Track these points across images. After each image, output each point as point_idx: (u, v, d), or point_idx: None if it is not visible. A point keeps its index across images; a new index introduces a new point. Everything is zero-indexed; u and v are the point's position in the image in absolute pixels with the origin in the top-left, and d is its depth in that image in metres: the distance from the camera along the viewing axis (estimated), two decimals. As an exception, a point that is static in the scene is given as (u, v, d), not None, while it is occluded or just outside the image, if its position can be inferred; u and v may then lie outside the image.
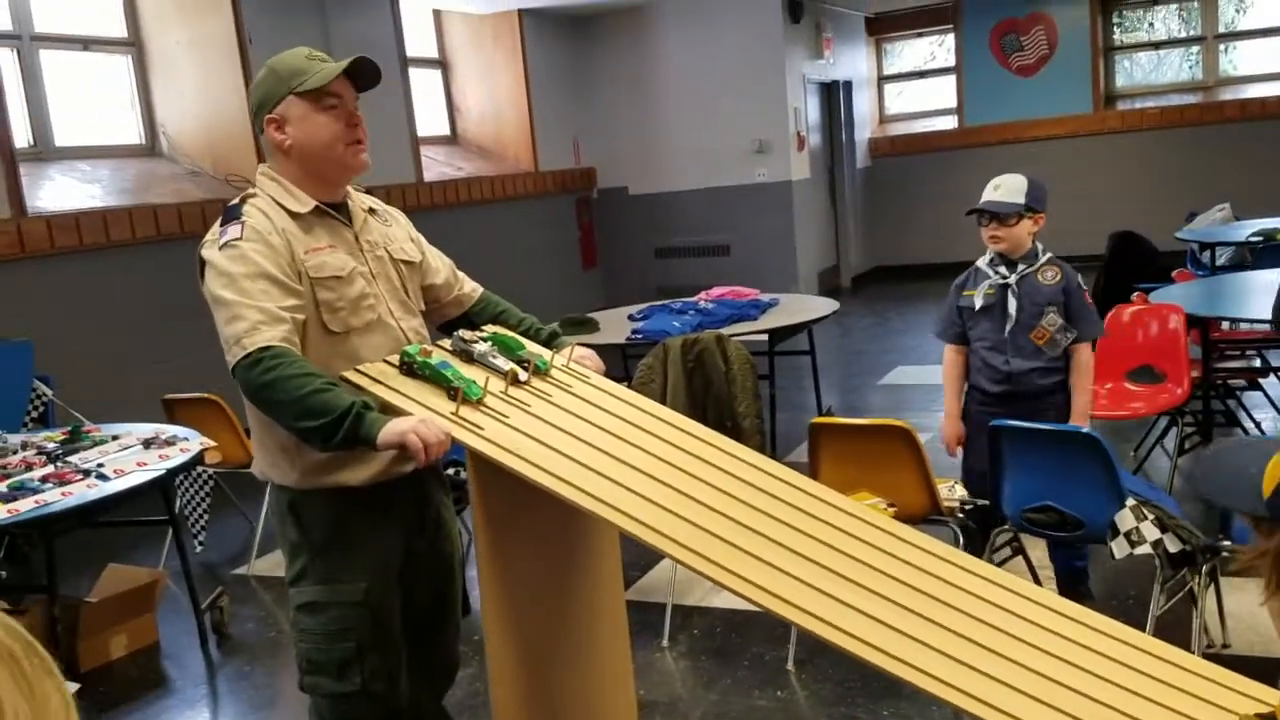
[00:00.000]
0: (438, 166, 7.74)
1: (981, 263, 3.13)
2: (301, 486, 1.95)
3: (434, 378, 1.84)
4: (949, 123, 10.22)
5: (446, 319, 2.20)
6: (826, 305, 5.25)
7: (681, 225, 9.14)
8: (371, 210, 2.08)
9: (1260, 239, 5.54)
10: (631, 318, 5.10)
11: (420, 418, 1.74)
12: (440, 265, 2.19)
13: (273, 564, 4.11)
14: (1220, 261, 6.06)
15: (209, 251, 1.87)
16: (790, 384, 5.76)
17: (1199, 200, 7.20)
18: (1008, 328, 3.02)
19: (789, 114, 8.75)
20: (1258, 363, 4.62)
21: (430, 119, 8.09)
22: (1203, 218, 6.61)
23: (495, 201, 7.96)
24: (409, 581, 2.07)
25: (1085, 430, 2.64)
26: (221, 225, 1.89)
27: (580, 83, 9.05)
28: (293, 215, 1.92)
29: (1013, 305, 3.01)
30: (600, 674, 2.17)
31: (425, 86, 8.08)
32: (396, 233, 2.10)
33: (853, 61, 10.14)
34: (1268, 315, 3.54)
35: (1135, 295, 4.26)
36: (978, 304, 3.08)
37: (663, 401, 3.69)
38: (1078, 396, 2.97)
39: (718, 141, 8.83)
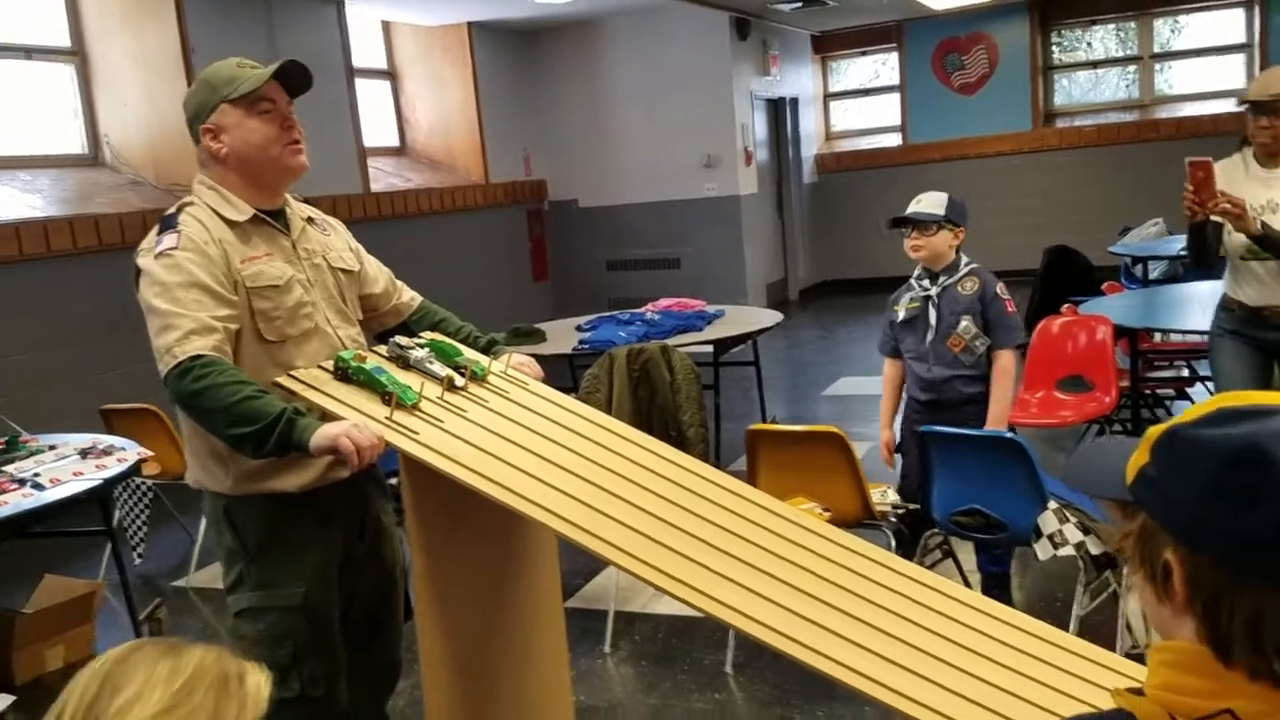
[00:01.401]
0: (386, 177, 7.73)
1: (912, 278, 3.25)
2: (235, 493, 1.96)
3: (368, 383, 1.86)
4: (893, 140, 10.41)
5: (385, 328, 2.22)
6: (770, 317, 5.33)
7: (632, 238, 9.21)
8: (310, 219, 2.10)
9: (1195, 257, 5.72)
10: (579, 328, 5.14)
11: (353, 422, 1.76)
12: (379, 274, 2.21)
13: (212, 576, 4.07)
14: (1153, 275, 6.26)
15: (144, 260, 1.88)
16: (736, 395, 5.84)
17: (1134, 216, 7.42)
18: (928, 338, 3.15)
19: (737, 129, 8.87)
20: (1185, 372, 4.77)
21: (379, 130, 8.08)
22: (1136, 233, 6.81)
23: (445, 213, 7.97)
24: (350, 587, 2.07)
25: (1010, 435, 2.73)
26: (158, 234, 1.90)
27: (531, 95, 9.10)
28: (230, 224, 1.93)
29: (933, 316, 3.14)
30: (537, 678, 2.19)
31: (373, 98, 8.07)
32: (335, 241, 2.12)
33: (799, 79, 10.30)
34: (1198, 326, 3.66)
35: (1065, 307, 4.39)
36: (900, 316, 3.22)
37: (608, 411, 3.74)
38: (994, 403, 3.08)
39: (667, 155, 8.92)
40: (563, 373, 4.81)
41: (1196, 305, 4.02)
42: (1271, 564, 0.75)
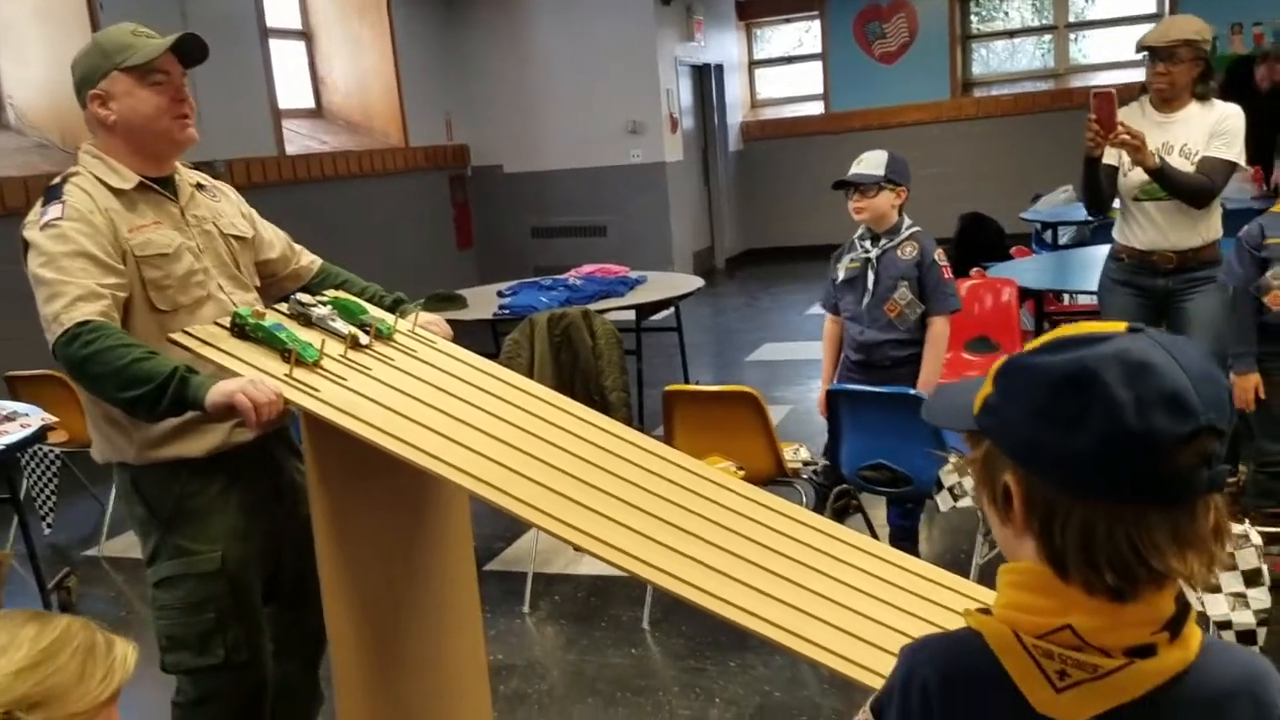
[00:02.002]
0: (301, 140, 7.57)
1: (855, 236, 3.28)
2: (140, 462, 1.94)
3: (267, 340, 1.84)
4: (816, 108, 10.50)
5: (285, 293, 2.20)
6: (692, 282, 5.37)
7: (558, 205, 9.16)
8: (199, 185, 2.07)
9: (1098, 218, 5.89)
10: (500, 294, 5.13)
11: (249, 378, 1.75)
12: (275, 239, 2.20)
13: (125, 545, 4.01)
14: (1062, 240, 6.44)
15: (30, 232, 1.85)
16: (661, 361, 5.88)
17: (1047, 183, 7.61)
18: (865, 300, 3.18)
19: (661, 95, 8.86)
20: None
21: (293, 92, 7.90)
22: (1046, 199, 6.99)
23: (363, 177, 7.83)
24: (275, 552, 2.07)
25: (912, 391, 2.81)
26: (43, 205, 1.88)
27: (452, 59, 8.96)
28: (116, 192, 1.91)
29: (871, 279, 3.16)
30: (449, 640, 2.19)
31: (288, 58, 7.87)
32: (226, 208, 2.10)
33: (723, 45, 10.31)
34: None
35: (974, 271, 4.51)
36: (840, 276, 3.25)
37: (530, 375, 3.74)
38: (925, 366, 3.12)
39: (592, 121, 8.88)
40: (485, 339, 4.80)
41: (1099, 268, 4.16)
42: (1098, 480, 0.79)
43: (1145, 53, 3.20)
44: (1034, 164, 9.19)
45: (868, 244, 3.20)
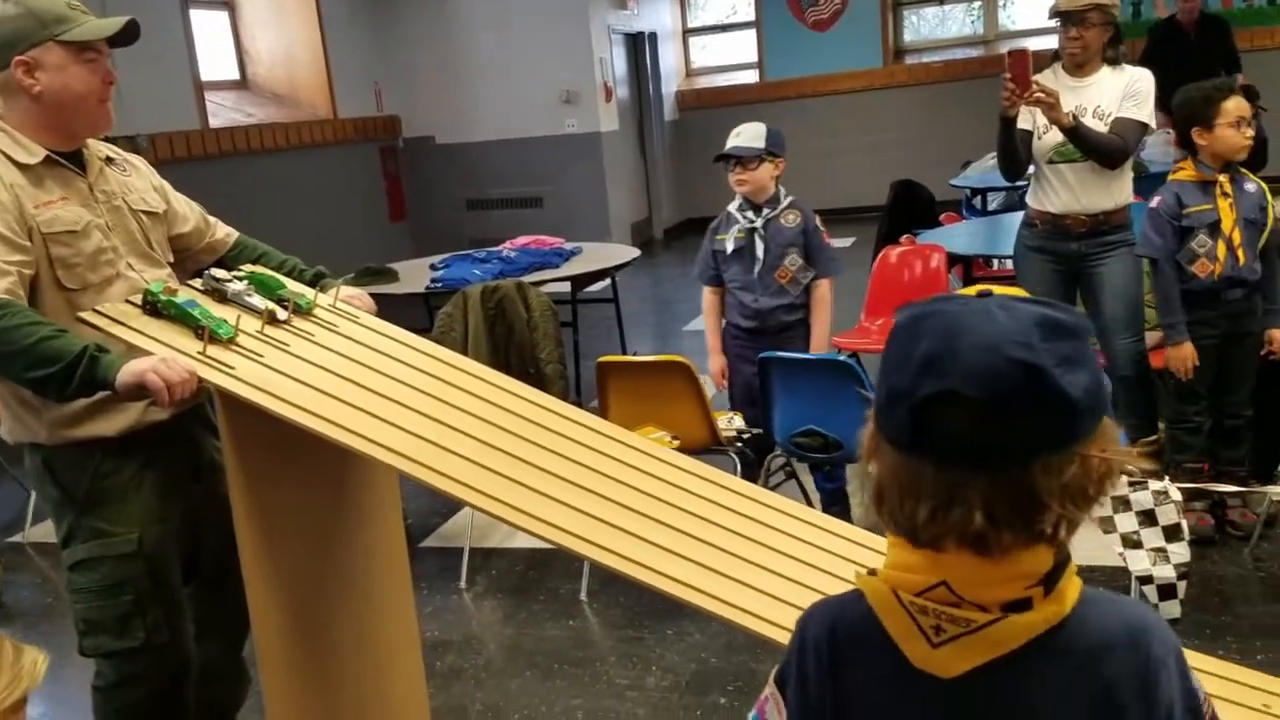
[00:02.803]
0: (226, 112, 7.37)
1: (732, 208, 3.33)
2: (52, 442, 1.89)
3: (180, 317, 1.79)
4: (751, 76, 10.49)
5: (201, 267, 2.14)
6: (628, 253, 5.36)
7: (493, 176, 9.05)
8: (109, 159, 2.01)
9: (1026, 184, 5.98)
10: (433, 267, 5.06)
11: (160, 356, 1.70)
12: (188, 212, 2.13)
13: (49, 530, 3.89)
14: (992, 206, 6.53)
15: None
16: (599, 332, 5.86)
17: (977, 150, 7.68)
18: (756, 269, 3.25)
19: (595, 64, 8.78)
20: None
21: (216, 63, 7.68)
22: (976, 165, 7.06)
23: (290, 150, 7.65)
24: (193, 532, 2.03)
25: (842, 358, 2.84)
26: None
27: (381, 28, 8.77)
28: (21, 167, 1.84)
29: (760, 248, 3.24)
30: (379, 618, 2.17)
31: (210, 28, 7.65)
32: (137, 182, 2.04)
33: (657, 13, 10.24)
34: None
35: (904, 238, 4.55)
36: (729, 247, 3.30)
37: (464, 350, 3.70)
38: (816, 328, 3.24)
39: (525, 91, 8.77)
40: (418, 313, 4.73)
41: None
42: (883, 427, 0.83)
43: (1058, 19, 3.25)
44: (965, 131, 9.26)
45: (750, 214, 3.26)
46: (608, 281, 5.48)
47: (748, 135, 3.22)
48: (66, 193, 1.87)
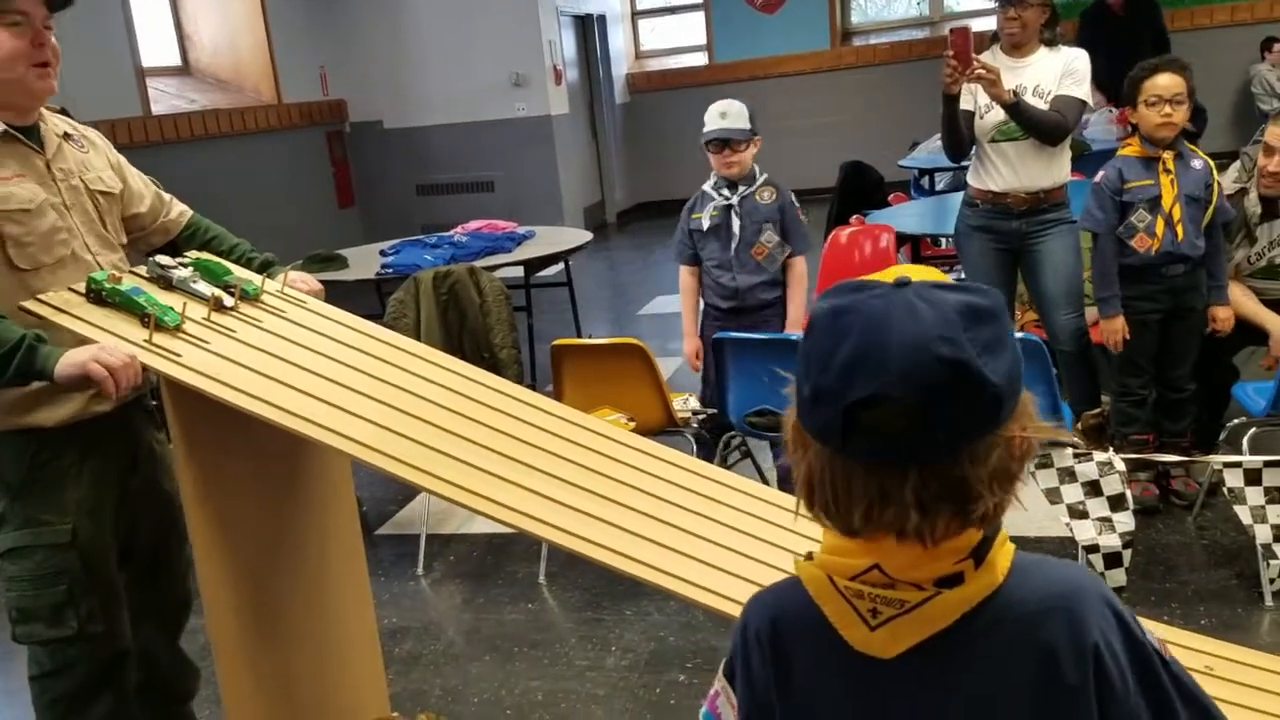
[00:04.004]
0: (168, 99, 7.21)
1: (707, 186, 3.31)
2: None
3: (125, 305, 1.76)
4: (700, 59, 10.49)
5: (152, 248, 2.10)
6: (580, 236, 5.33)
7: (443, 161, 8.96)
8: (66, 135, 1.95)
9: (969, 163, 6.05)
10: (383, 253, 5.01)
11: (100, 344, 1.67)
12: (144, 190, 2.09)
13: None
14: (939, 186, 6.60)
15: None
16: (554, 317, 5.84)
17: (923, 130, 7.76)
18: (733, 246, 3.22)
19: (544, 46, 8.71)
20: (963, 275, 5.08)
21: (157, 49, 7.51)
22: (924, 146, 7.13)
23: (234, 135, 7.51)
24: (129, 523, 2.00)
25: (795, 337, 2.86)
26: None
27: (325, 11, 8.63)
28: None
29: (736, 225, 3.22)
30: (334, 605, 2.16)
31: (150, 12, 7.47)
32: (95, 160, 1.98)
33: (606, -5, 10.19)
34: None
35: (854, 218, 4.58)
36: (705, 225, 3.27)
37: (416, 336, 3.67)
38: (792, 306, 3.23)
39: (474, 74, 8.68)
40: (369, 300, 4.68)
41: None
42: (808, 424, 0.82)
43: (997, 0, 3.30)
44: (912, 112, 9.32)
45: (725, 192, 3.25)
46: (561, 265, 5.46)
47: (734, 116, 3.17)
48: (22, 169, 1.82)
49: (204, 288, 1.87)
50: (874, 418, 0.77)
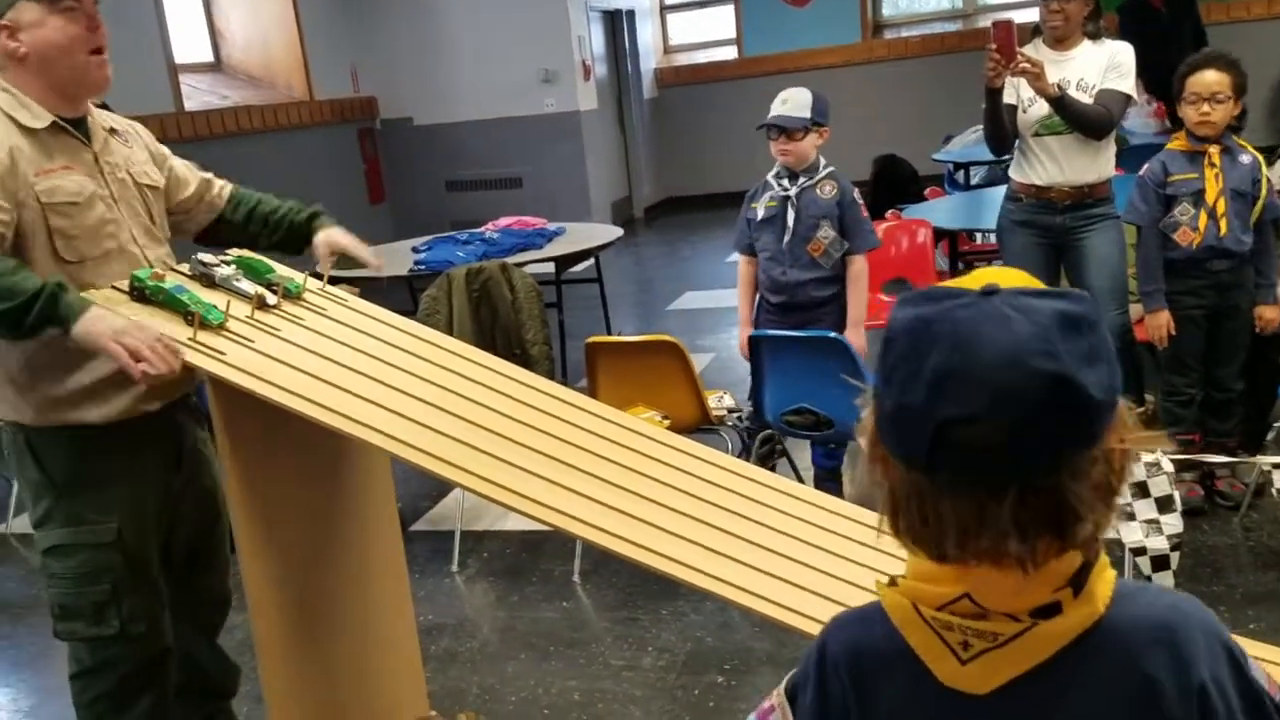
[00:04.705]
0: (201, 95, 7.26)
1: (769, 175, 3.24)
2: (38, 424, 1.85)
3: (168, 303, 1.75)
4: (730, 53, 10.43)
5: (201, 226, 2.12)
6: (611, 232, 5.32)
7: (472, 157, 8.97)
8: (112, 130, 1.97)
9: (1010, 158, 5.97)
10: (415, 249, 5.02)
11: (130, 321, 1.65)
12: (188, 175, 2.11)
13: (33, 523, 3.85)
14: (974, 181, 6.52)
15: None
16: (583, 313, 5.83)
17: (957, 124, 7.67)
18: (785, 239, 3.13)
19: (574, 42, 8.70)
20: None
21: (190, 45, 7.55)
22: (958, 140, 7.05)
23: (267, 132, 7.55)
24: (169, 521, 2.00)
25: (831, 334, 2.82)
26: None
27: (356, 8, 8.65)
28: (25, 131, 1.78)
29: (791, 217, 3.12)
30: (375, 602, 2.16)
31: (182, 9, 7.52)
32: (138, 154, 1.99)
33: (635, -10, 10.16)
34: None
35: (890, 213, 4.53)
36: (760, 215, 3.19)
37: (449, 333, 3.67)
38: (853, 306, 3.11)
39: (504, 70, 8.68)
40: (402, 297, 4.69)
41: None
42: (890, 442, 0.77)
43: None
44: (945, 105, 9.25)
45: (785, 182, 3.16)
46: (590, 262, 5.44)
47: (794, 104, 3.08)
48: (71, 161, 1.82)
49: (247, 286, 1.87)
50: (965, 437, 0.72)
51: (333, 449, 2.00)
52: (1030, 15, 9.83)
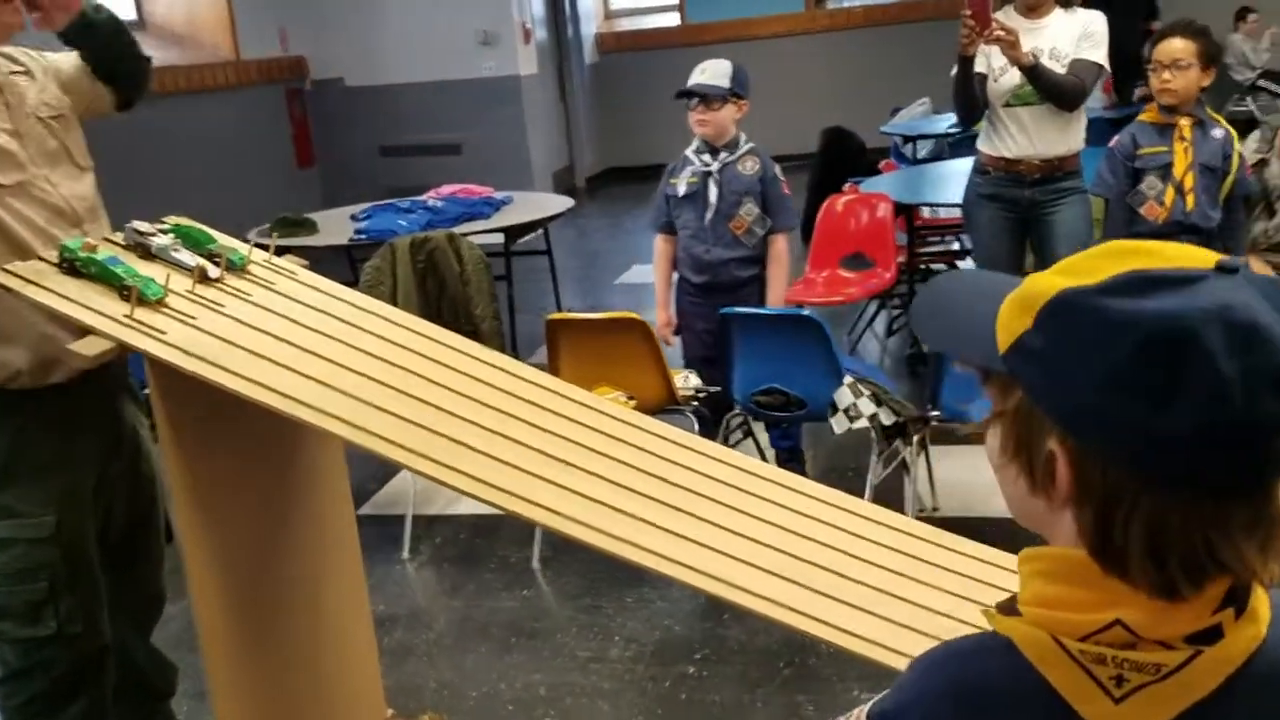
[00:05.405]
0: (121, 54, 6.86)
1: (688, 150, 3.13)
2: None
3: (102, 275, 1.57)
4: (672, 19, 10.26)
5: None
6: (561, 203, 5.17)
7: (408, 121, 8.67)
8: (12, 60, 1.81)
9: (957, 130, 5.92)
10: (354, 218, 4.80)
11: None
12: (66, 64, 1.91)
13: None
14: (921, 154, 6.48)
15: None
16: (530, 286, 5.66)
17: (903, 97, 7.63)
18: (708, 216, 3.03)
19: (512, 3, 8.45)
20: (955, 246, 4.98)
21: (110, 2, 7.13)
22: (905, 112, 7.02)
23: (191, 93, 7.18)
24: (105, 509, 1.86)
25: (807, 314, 2.72)
26: None
27: (285, -36, 8.28)
28: None
29: (713, 193, 3.01)
30: (329, 593, 2.04)
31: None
32: (38, 87, 1.83)
33: (576, -48, 9.91)
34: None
35: (847, 186, 4.44)
36: (680, 191, 3.08)
37: (394, 306, 3.50)
38: (773, 287, 3.03)
39: (440, 31, 8.39)
40: (340, 267, 4.48)
41: (960, 181, 4.15)
42: (1182, 470, 0.64)
43: None
44: (889, 76, 9.21)
45: (706, 158, 3.05)
46: (536, 232, 5.27)
47: (713, 72, 2.98)
48: None
49: (187, 257, 1.70)
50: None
51: (281, 433, 1.84)
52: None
